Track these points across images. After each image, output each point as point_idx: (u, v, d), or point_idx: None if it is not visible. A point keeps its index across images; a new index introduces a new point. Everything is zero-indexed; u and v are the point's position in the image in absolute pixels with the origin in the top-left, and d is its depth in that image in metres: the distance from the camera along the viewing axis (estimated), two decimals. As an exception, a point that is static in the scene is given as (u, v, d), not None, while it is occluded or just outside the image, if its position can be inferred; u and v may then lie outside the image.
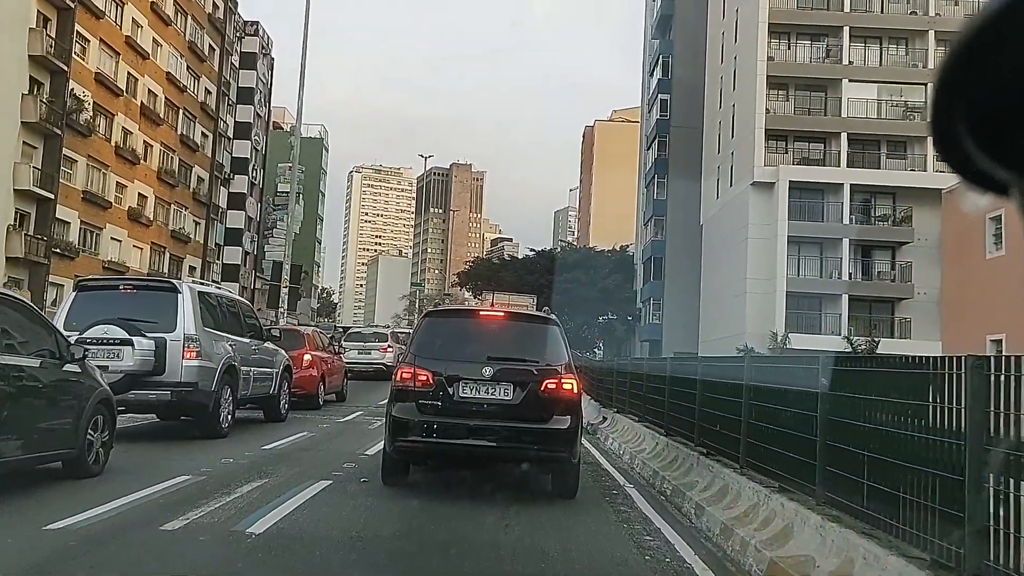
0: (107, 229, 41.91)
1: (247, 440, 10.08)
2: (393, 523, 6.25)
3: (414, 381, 7.14)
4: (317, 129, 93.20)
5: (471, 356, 7.23)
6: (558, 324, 7.97)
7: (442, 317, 8.53)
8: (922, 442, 4.23)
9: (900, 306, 37.95)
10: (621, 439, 11.36)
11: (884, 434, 4.68)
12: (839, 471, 5.13)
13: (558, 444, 7.11)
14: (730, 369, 7.81)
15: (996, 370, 3.72)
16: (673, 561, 5.43)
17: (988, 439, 3.71)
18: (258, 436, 10.54)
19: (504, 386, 7.04)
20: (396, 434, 7.22)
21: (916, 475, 4.22)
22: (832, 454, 5.27)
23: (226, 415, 10.21)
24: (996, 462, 3.57)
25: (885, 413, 4.73)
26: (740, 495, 6.37)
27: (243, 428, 11.35)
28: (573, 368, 7.62)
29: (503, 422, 7.01)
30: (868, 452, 4.80)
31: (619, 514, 7.00)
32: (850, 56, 39.33)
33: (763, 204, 38.36)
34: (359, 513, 6.42)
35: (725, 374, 7.72)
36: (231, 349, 10.29)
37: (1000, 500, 3.56)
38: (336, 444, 10.37)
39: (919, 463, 4.21)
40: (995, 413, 3.69)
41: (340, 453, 9.35)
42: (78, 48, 38.27)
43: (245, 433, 10.81)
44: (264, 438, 10.29)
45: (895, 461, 4.43)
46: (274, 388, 12.18)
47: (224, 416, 10.15)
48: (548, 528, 6.18)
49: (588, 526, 6.41)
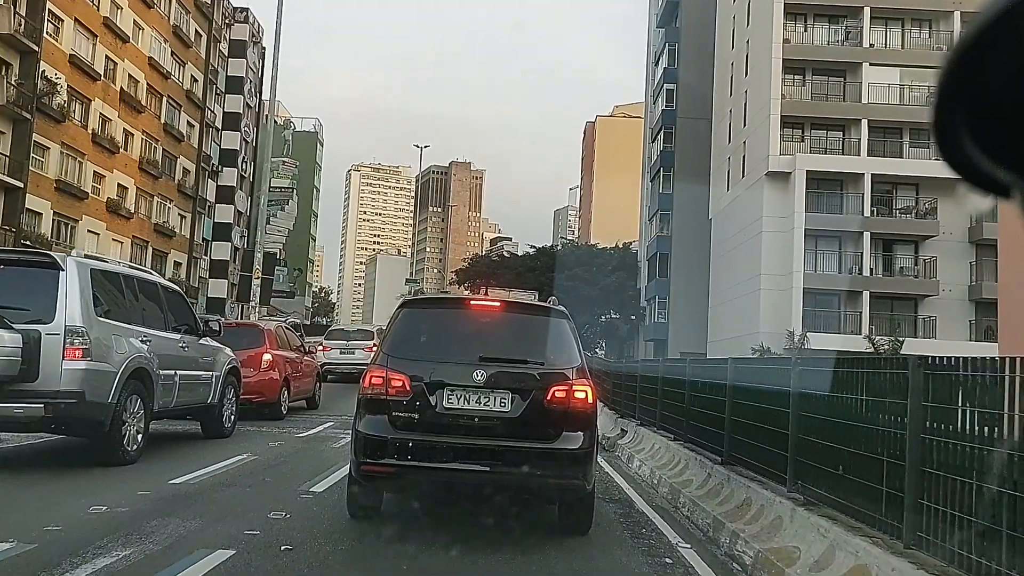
0: (84, 221, 39.60)
1: (160, 468, 7.63)
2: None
3: (386, 388, 5.66)
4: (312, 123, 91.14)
5: (459, 356, 5.82)
6: (568, 317, 6.29)
7: (423, 308, 6.81)
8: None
9: (924, 304, 35.76)
10: (653, 462, 8.99)
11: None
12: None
13: (569, 468, 5.64)
14: (874, 379, 4.88)
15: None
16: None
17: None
18: (179, 461, 8.12)
19: (500, 394, 5.61)
20: (363, 455, 5.69)
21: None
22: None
23: (133, 434, 7.76)
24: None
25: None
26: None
27: (166, 449, 9.02)
28: (587, 372, 5.98)
29: (499, 440, 5.59)
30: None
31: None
32: (871, 38, 37.08)
33: (778, 195, 36.15)
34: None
35: (845, 386, 5.07)
36: (142, 347, 7.86)
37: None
38: (279, 474, 7.95)
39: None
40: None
41: (277, 491, 6.97)
42: (50, 28, 36.04)
43: (164, 456, 8.41)
44: (184, 465, 7.84)
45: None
46: (213, 396, 9.74)
47: (130, 436, 7.69)
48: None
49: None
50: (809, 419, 5.43)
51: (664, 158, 51.62)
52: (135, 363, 7.54)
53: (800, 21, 37.99)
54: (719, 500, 6.23)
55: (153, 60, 45.23)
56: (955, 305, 35.34)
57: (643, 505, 7.47)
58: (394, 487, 6.12)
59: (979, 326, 35.76)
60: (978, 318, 35.80)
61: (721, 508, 6.09)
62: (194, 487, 6.87)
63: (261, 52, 64.86)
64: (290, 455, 9.12)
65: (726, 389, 7.03)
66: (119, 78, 42.06)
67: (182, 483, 6.98)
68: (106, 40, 40.61)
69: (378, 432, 5.58)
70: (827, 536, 4.54)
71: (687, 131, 49.78)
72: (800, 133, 37.52)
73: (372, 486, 5.92)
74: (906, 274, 36.19)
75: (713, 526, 6.08)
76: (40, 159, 35.95)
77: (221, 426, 10.02)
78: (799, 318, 34.31)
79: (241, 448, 9.22)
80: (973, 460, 3.67)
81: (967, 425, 3.81)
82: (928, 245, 35.61)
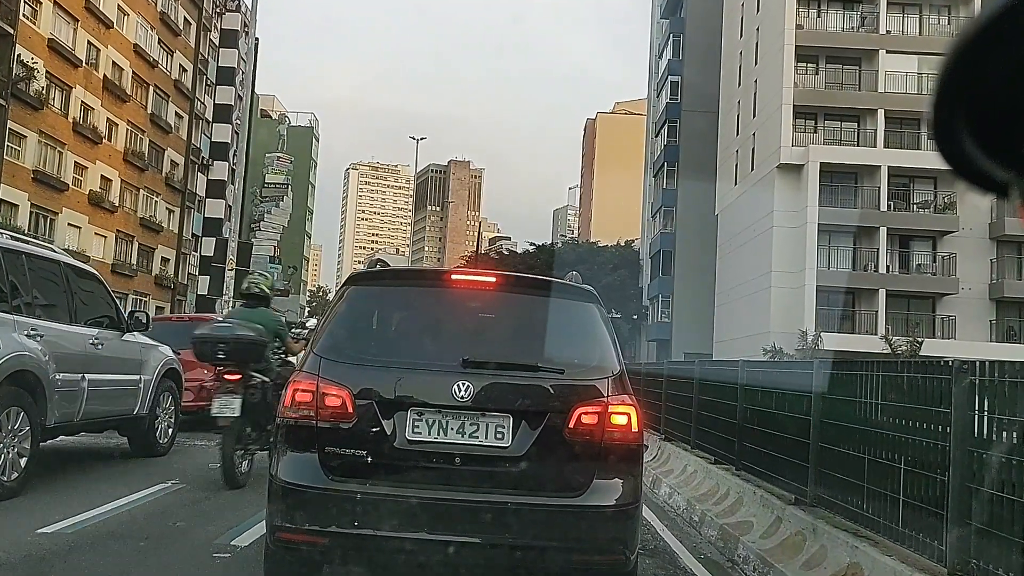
0: (64, 214, 37.88)
1: (42, 506, 5.70)
2: None
3: (316, 408, 3.64)
4: (307, 118, 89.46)
5: (432, 360, 3.85)
6: (597, 300, 4.19)
7: (378, 286, 4.46)
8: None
9: (942, 302, 34.12)
10: (688, 490, 7.06)
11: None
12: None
13: (604, 536, 3.69)
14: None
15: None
16: None
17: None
18: (75, 494, 6.24)
19: (495, 420, 3.65)
20: (280, 515, 3.68)
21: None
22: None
23: (12, 458, 5.89)
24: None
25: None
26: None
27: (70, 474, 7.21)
28: (627, 384, 3.89)
29: (494, 493, 3.62)
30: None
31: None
32: (887, 25, 35.36)
33: (790, 189, 34.50)
34: None
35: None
36: (28, 343, 6.00)
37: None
38: (200, 512, 5.97)
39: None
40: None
41: (184, 544, 4.99)
42: (27, 10, 34.34)
43: (58, 486, 6.49)
44: (78, 500, 5.93)
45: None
46: (142, 405, 7.95)
47: (5, 461, 5.80)
48: None
49: None
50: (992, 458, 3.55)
51: (668, 153, 50.12)
52: (13, 364, 5.76)
53: (813, 6, 36.34)
54: (803, 561, 4.37)
55: (139, 47, 43.50)
56: (975, 304, 33.72)
57: (688, 558, 5.60)
58: (331, 563, 4.01)
59: (1000, 326, 34.17)
60: (999, 318, 34.20)
61: (800, 567, 4.26)
62: (66, 540, 4.88)
63: (254, 43, 63.12)
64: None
65: (810, 402, 5.12)
66: (102, 65, 40.33)
67: (53, 532, 5.00)
68: (88, 25, 38.89)
69: (302, 480, 3.63)
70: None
71: (692, 125, 48.27)
72: (813, 124, 35.88)
73: (295, 562, 3.89)
74: (924, 271, 34.57)
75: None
76: (16, 147, 34.25)
77: (153, 441, 8.21)
78: (812, 317, 32.65)
79: (170, 471, 7.40)
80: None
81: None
82: (947, 241, 33.98)
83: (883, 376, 4.48)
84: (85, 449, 8.65)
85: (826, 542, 4.40)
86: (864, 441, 4.51)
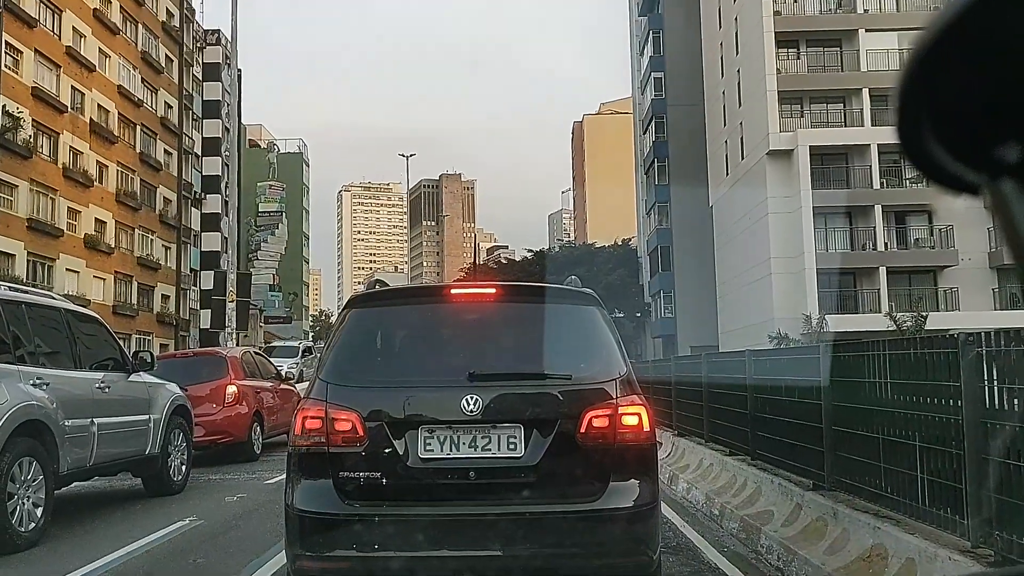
0: (61, 260, 37.92)
1: (61, 554, 5.65)
2: None
3: (327, 434, 3.69)
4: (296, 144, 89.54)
5: (439, 376, 3.92)
6: (599, 303, 4.22)
7: (380, 306, 4.44)
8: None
9: (943, 275, 34.09)
10: (706, 483, 7.03)
11: None
12: None
13: (624, 537, 3.71)
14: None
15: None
16: None
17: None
18: (93, 539, 6.21)
19: (506, 431, 3.69)
20: (299, 544, 3.73)
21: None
22: None
23: (29, 509, 5.81)
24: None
25: None
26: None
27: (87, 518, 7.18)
28: (636, 384, 3.93)
29: (511, 505, 3.66)
30: None
31: None
32: (865, 4, 35.45)
33: (781, 175, 34.53)
34: None
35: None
36: (35, 392, 6.01)
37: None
38: (218, 549, 5.90)
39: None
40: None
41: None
42: (9, 60, 34.46)
43: (76, 532, 6.44)
44: (97, 545, 5.86)
45: None
46: (153, 445, 7.93)
47: (21, 513, 5.76)
48: None
49: None
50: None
51: (658, 149, 50.17)
52: (22, 414, 5.78)
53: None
54: (827, 546, 4.35)
55: (123, 88, 43.63)
56: (976, 274, 33.67)
57: (713, 553, 5.56)
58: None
59: (1002, 294, 34.12)
60: (1001, 285, 34.14)
61: (836, 561, 4.23)
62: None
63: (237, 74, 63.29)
64: (246, 514, 7.24)
65: (820, 391, 5.11)
66: (88, 108, 40.44)
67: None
68: (71, 70, 39.02)
69: (320, 507, 3.66)
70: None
71: (679, 119, 48.33)
72: (799, 108, 35.93)
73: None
74: (922, 245, 34.56)
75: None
76: (8, 197, 34.35)
77: (168, 480, 8.21)
78: (815, 301, 32.63)
79: (186, 509, 7.39)
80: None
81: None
82: (943, 213, 33.93)
83: (890, 355, 4.47)
84: (100, 493, 8.65)
85: (848, 525, 4.39)
86: (877, 421, 4.49)
